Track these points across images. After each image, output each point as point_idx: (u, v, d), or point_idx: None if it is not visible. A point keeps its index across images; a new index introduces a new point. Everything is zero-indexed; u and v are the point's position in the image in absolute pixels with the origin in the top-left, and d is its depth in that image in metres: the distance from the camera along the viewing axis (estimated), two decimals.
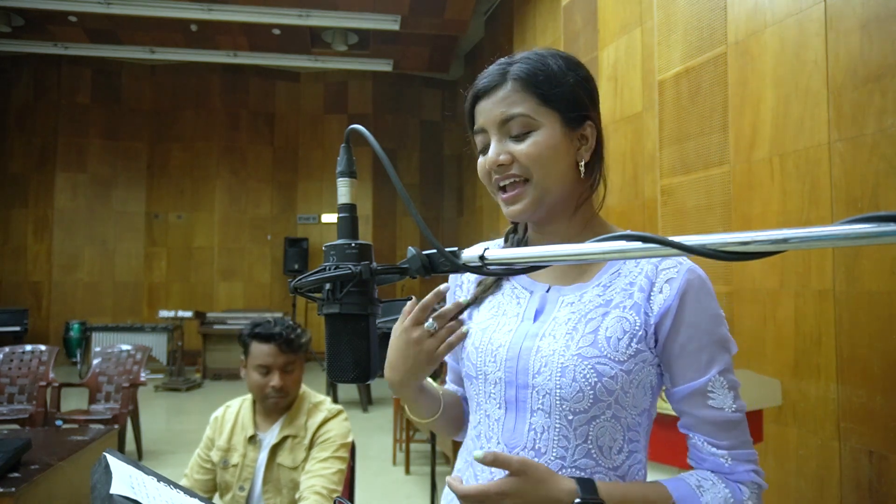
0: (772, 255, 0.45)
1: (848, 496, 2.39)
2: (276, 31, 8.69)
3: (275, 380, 1.88)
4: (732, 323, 2.91)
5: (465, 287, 1.04)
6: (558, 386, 0.84)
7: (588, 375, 0.83)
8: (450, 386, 1.12)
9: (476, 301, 0.99)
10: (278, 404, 1.92)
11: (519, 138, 0.88)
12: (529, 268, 0.62)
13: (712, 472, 0.87)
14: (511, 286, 0.97)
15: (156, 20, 8.28)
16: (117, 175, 10.22)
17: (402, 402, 1.00)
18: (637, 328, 0.85)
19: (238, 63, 9.86)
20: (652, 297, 0.86)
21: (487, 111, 0.90)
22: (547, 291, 0.94)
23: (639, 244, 0.50)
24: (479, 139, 0.93)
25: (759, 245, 0.45)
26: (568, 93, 0.89)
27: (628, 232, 0.51)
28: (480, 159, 0.93)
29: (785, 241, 0.44)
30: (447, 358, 1.08)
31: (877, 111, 2.30)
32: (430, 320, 0.89)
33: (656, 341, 0.86)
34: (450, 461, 3.77)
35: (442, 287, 0.92)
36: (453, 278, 1.08)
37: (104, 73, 10.15)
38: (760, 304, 2.78)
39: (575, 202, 0.93)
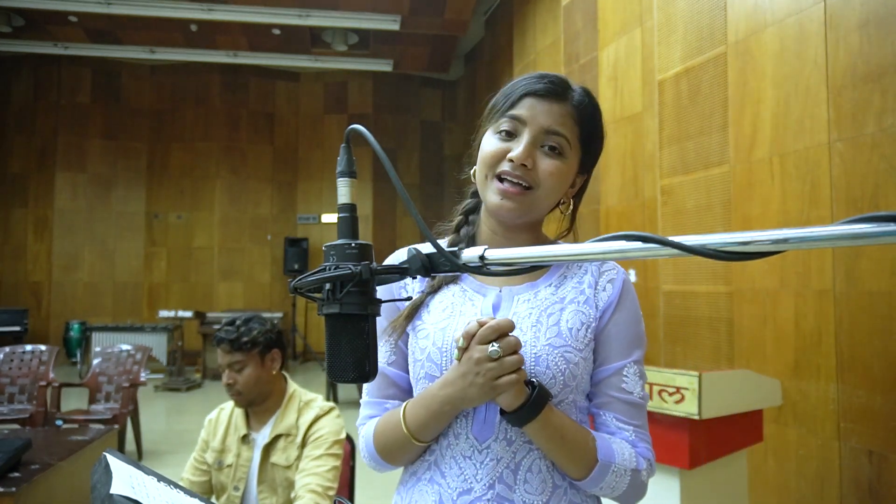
0: (772, 255, 0.45)
1: (848, 496, 2.39)
2: (276, 31, 8.69)
3: (223, 377, 1.92)
4: (732, 323, 2.92)
5: (411, 287, 1.02)
6: (533, 374, 0.89)
7: (559, 362, 0.90)
8: (385, 404, 1.02)
9: (438, 289, 0.99)
10: (237, 401, 1.95)
11: (550, 154, 0.93)
12: (531, 267, 0.62)
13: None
14: (461, 288, 0.99)
15: (156, 20, 8.28)
16: (117, 175, 10.22)
17: (429, 423, 0.91)
18: (591, 320, 0.95)
19: (238, 63, 9.86)
20: (597, 295, 0.97)
21: (539, 112, 0.93)
22: (499, 292, 0.97)
23: (639, 244, 0.50)
24: (507, 123, 0.93)
25: (759, 245, 0.45)
26: (597, 146, 1.00)
27: (628, 232, 0.51)
28: (495, 142, 0.94)
29: (785, 241, 0.44)
30: (389, 369, 1.01)
31: (877, 111, 2.30)
32: (495, 345, 0.82)
33: (596, 331, 0.96)
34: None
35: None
36: (394, 284, 1.02)
37: (104, 73, 10.15)
38: (760, 304, 2.78)
39: (541, 226, 1.02)
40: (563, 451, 0.88)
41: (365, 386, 1.05)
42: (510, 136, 0.93)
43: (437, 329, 0.95)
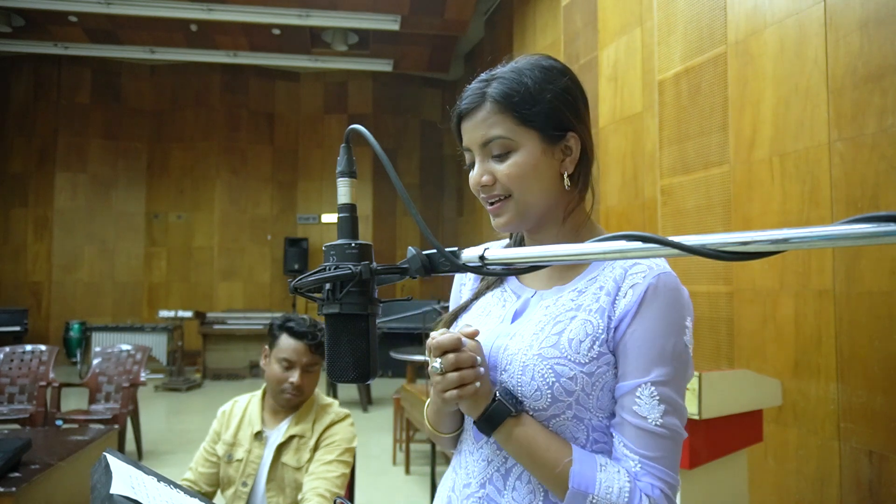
0: (772, 255, 0.45)
1: (848, 496, 2.39)
2: (276, 31, 8.68)
3: (295, 376, 1.89)
4: (732, 323, 2.92)
5: (469, 286, 1.07)
6: (519, 384, 0.87)
7: (546, 375, 0.85)
8: None
9: (478, 296, 1.02)
10: (291, 401, 1.92)
11: (500, 158, 0.90)
12: (530, 267, 0.62)
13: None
14: (502, 289, 1.00)
15: (156, 20, 8.28)
16: (117, 175, 10.22)
17: (434, 417, 1.00)
18: (600, 331, 0.86)
19: (238, 63, 9.86)
20: (616, 302, 0.87)
21: (469, 132, 0.93)
22: (533, 296, 0.97)
23: (639, 244, 0.50)
24: (466, 155, 0.96)
25: (759, 245, 0.45)
26: (546, 110, 0.89)
27: (628, 232, 0.51)
28: (470, 174, 0.96)
29: (785, 241, 0.44)
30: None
31: (877, 111, 2.30)
32: (438, 361, 0.84)
33: (613, 344, 0.87)
34: (449, 461, 3.77)
35: (467, 331, 0.87)
36: (457, 277, 1.08)
37: (104, 73, 10.15)
38: (760, 304, 2.78)
39: (562, 212, 0.95)
40: (531, 468, 0.86)
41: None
42: (472, 165, 0.95)
43: (467, 328, 0.97)
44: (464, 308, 1.03)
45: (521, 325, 0.93)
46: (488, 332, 0.95)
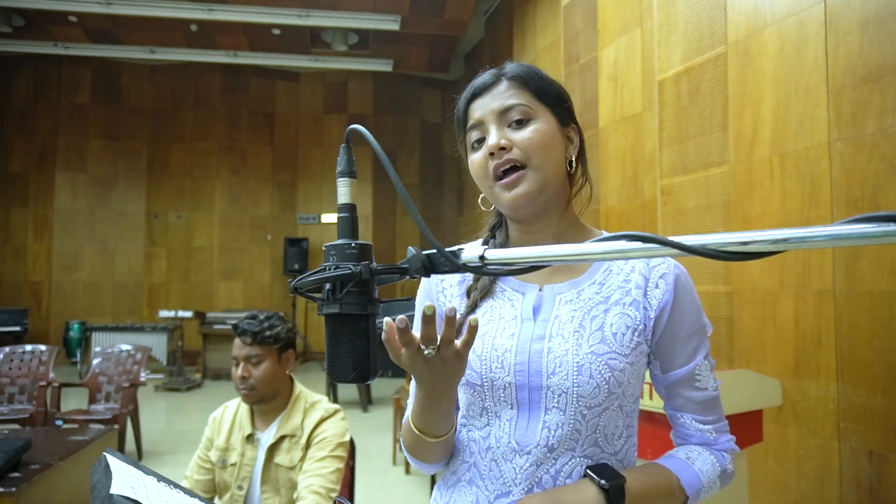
0: (772, 255, 0.45)
1: (848, 496, 2.39)
2: (276, 31, 8.69)
3: (238, 370, 1.89)
4: (732, 323, 2.92)
5: (449, 293, 1.01)
6: (576, 384, 0.87)
7: (602, 371, 0.87)
8: None
9: (474, 307, 0.97)
10: (249, 397, 1.91)
11: (519, 127, 0.92)
12: (530, 267, 0.62)
13: (698, 444, 0.96)
14: (500, 289, 0.97)
15: (156, 20, 8.28)
16: (117, 175, 10.22)
17: (423, 417, 0.89)
18: (638, 323, 0.91)
19: (238, 63, 9.86)
20: (649, 293, 0.92)
21: (485, 104, 0.94)
22: (540, 290, 0.95)
23: (639, 244, 0.50)
24: (474, 134, 0.95)
25: (759, 245, 0.45)
26: (557, 94, 0.96)
27: (629, 232, 0.51)
28: (475, 155, 0.94)
29: (785, 241, 0.44)
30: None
31: (877, 111, 2.30)
32: (429, 348, 0.77)
33: (653, 333, 0.93)
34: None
35: (426, 311, 0.75)
36: (431, 284, 1.02)
37: (104, 73, 10.15)
38: (760, 304, 2.78)
39: (565, 199, 0.98)
40: None
41: (410, 387, 1.07)
42: (481, 141, 0.94)
43: (478, 336, 0.93)
44: (462, 323, 0.96)
45: (551, 324, 0.90)
46: (513, 336, 0.91)
